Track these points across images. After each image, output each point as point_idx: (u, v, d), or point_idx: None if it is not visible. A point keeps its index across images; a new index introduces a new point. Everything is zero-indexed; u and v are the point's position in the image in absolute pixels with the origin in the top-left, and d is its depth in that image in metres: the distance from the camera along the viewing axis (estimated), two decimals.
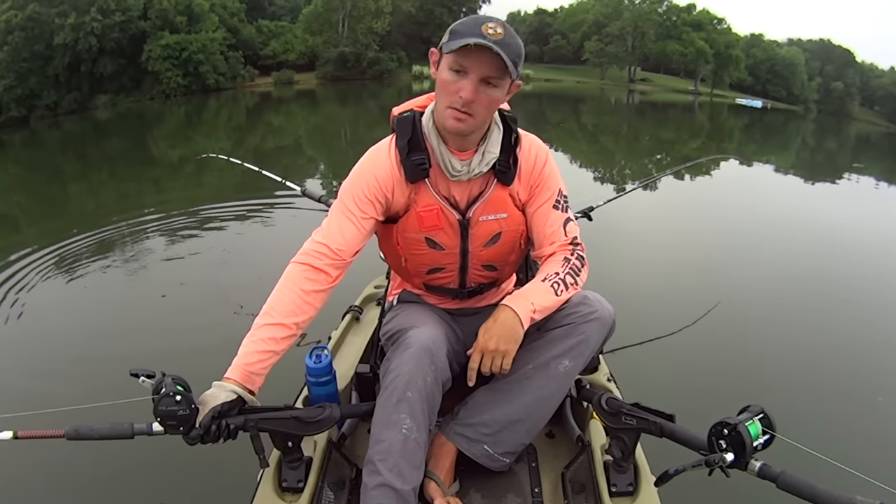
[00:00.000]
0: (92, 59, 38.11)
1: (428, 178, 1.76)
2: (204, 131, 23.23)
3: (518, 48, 1.56)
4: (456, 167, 1.73)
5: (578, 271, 1.78)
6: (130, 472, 2.74)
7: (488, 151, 1.74)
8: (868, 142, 36.75)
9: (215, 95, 38.97)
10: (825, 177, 15.63)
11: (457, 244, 1.82)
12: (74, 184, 11.90)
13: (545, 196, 1.82)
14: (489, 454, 1.78)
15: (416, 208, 1.78)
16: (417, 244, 1.83)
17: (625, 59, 67.83)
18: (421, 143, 1.75)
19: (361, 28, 51.15)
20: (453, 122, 1.62)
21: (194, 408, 1.45)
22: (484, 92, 1.58)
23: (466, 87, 1.56)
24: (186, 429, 1.44)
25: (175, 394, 1.42)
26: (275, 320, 1.63)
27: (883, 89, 76.45)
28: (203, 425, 1.46)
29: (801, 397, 3.63)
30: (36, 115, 34.90)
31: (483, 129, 1.72)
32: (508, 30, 1.54)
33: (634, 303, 4.60)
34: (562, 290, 1.73)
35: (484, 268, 1.89)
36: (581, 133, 22.67)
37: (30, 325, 4.44)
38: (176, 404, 1.42)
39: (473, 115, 1.61)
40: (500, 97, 1.63)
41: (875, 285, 5.84)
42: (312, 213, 6.19)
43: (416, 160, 1.74)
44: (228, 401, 1.51)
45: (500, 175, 1.78)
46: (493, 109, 1.67)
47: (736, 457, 1.32)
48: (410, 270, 1.94)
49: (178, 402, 1.42)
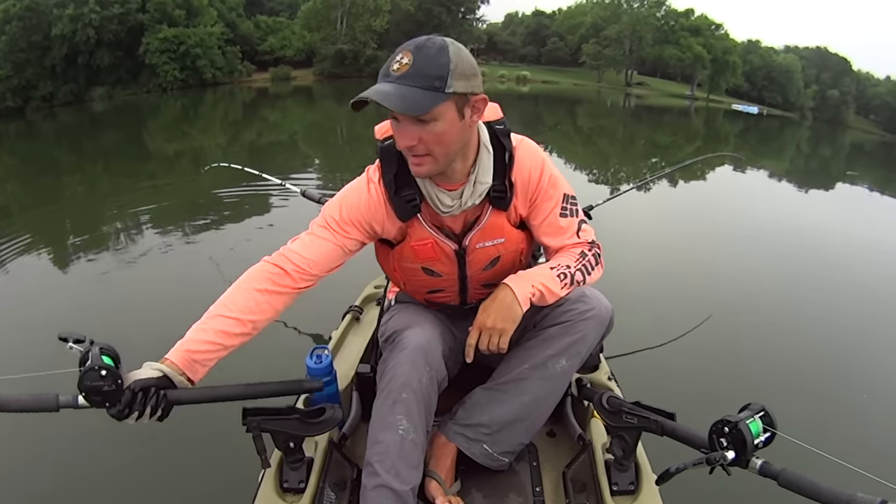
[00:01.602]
0: (89, 51, 37.91)
1: (420, 213, 1.68)
2: (200, 126, 23.15)
3: (434, 61, 1.38)
4: (446, 203, 1.63)
5: (591, 269, 1.73)
6: (130, 473, 2.74)
7: (479, 182, 1.62)
8: (862, 150, 36.85)
9: (212, 90, 38.88)
10: (819, 184, 15.73)
11: (454, 271, 1.78)
12: (69, 176, 11.85)
13: (549, 206, 1.73)
14: (488, 453, 1.78)
15: (410, 241, 1.72)
16: (415, 273, 1.79)
17: (622, 63, 67.85)
18: (408, 178, 1.62)
19: (360, 26, 51.13)
20: (414, 168, 1.53)
21: (120, 383, 1.35)
22: (422, 132, 1.43)
23: (398, 135, 1.47)
24: (111, 404, 1.35)
25: (101, 367, 1.32)
26: (231, 314, 1.54)
27: (878, 98, 76.78)
28: (124, 401, 1.35)
29: (800, 396, 3.66)
30: (32, 106, 34.69)
31: (466, 155, 1.59)
32: (422, 50, 1.39)
33: (632, 306, 4.60)
34: (566, 283, 1.68)
35: (484, 286, 1.82)
36: (577, 136, 22.62)
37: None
38: (101, 379, 1.32)
39: (431, 155, 1.48)
40: (445, 130, 1.44)
41: (868, 289, 5.89)
42: (310, 213, 6.12)
43: (405, 197, 1.64)
44: (153, 377, 1.41)
45: (495, 202, 1.68)
46: (454, 142, 1.49)
47: (737, 455, 1.32)
48: (410, 291, 1.94)
49: (104, 377, 1.32)
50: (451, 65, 1.38)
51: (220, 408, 1.55)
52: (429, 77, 1.37)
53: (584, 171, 13.39)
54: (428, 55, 1.38)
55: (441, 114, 1.41)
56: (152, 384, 1.39)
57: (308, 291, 1.66)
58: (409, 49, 1.39)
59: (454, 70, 1.39)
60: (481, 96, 1.48)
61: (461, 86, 1.40)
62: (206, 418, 3.08)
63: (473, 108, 1.48)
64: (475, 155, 1.62)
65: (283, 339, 3.87)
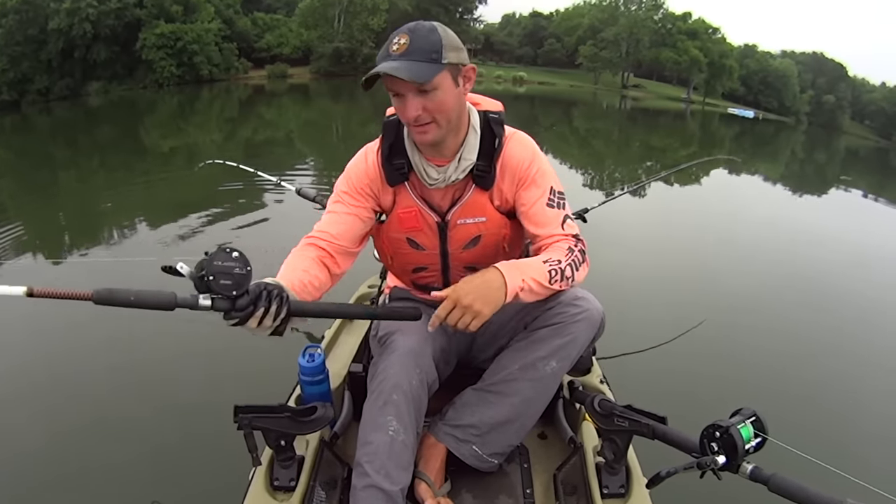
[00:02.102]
0: (86, 46, 37.80)
1: (408, 182, 1.80)
2: (196, 122, 23.10)
3: (428, 39, 1.55)
4: (432, 175, 1.75)
5: (578, 266, 1.71)
6: (121, 470, 2.73)
7: (464, 158, 1.74)
8: (857, 155, 37.07)
9: (208, 86, 38.84)
10: (813, 188, 15.77)
11: (436, 245, 1.84)
12: (64, 171, 11.80)
13: (536, 194, 1.77)
14: (478, 455, 1.79)
15: (398, 210, 1.82)
16: (400, 244, 1.86)
17: (618, 65, 68.12)
18: (402, 148, 1.78)
19: (357, 24, 51.15)
20: (419, 136, 1.65)
21: (250, 270, 1.30)
22: (425, 101, 1.58)
23: (405, 108, 1.59)
24: (240, 293, 1.30)
25: (232, 250, 1.27)
26: (301, 276, 1.63)
27: (874, 104, 77.32)
28: (252, 292, 1.34)
29: (792, 402, 3.68)
30: (27, 100, 34.60)
31: (459, 129, 1.73)
32: (416, 31, 1.56)
33: (626, 308, 4.62)
34: (556, 281, 1.65)
35: (466, 269, 1.84)
36: (573, 137, 22.71)
37: None
38: (233, 261, 1.28)
39: (435, 122, 1.62)
40: (445, 97, 1.59)
41: (861, 295, 5.93)
42: (305, 212, 6.13)
43: (396, 165, 1.78)
44: (273, 282, 1.44)
45: (477, 180, 1.77)
46: (453, 108, 1.64)
47: (728, 459, 1.32)
48: (397, 269, 1.99)
49: (236, 259, 1.28)
50: (442, 40, 1.56)
51: (212, 404, 1.56)
52: (426, 52, 1.53)
53: (580, 172, 13.42)
54: (421, 34, 1.55)
55: (440, 83, 1.56)
56: (274, 286, 1.41)
57: None
58: (404, 32, 1.57)
59: (446, 44, 1.56)
60: (470, 66, 1.64)
61: (453, 56, 1.57)
62: (197, 416, 3.09)
63: (465, 77, 1.64)
64: (464, 135, 1.75)
65: (277, 337, 3.81)
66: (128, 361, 3.66)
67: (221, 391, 3.24)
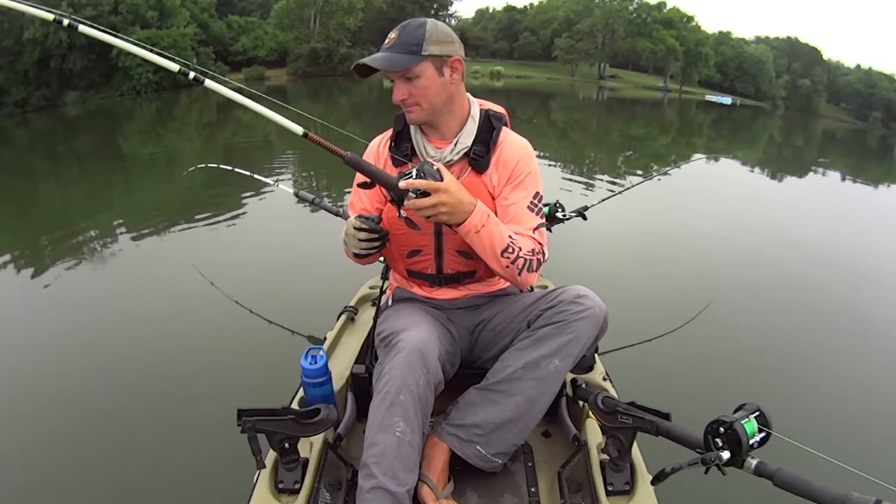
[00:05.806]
0: (62, 55, 37.15)
1: (411, 163, 1.93)
2: (174, 128, 22.85)
3: (413, 34, 1.77)
4: (430, 154, 1.93)
5: (531, 269, 1.80)
6: (127, 474, 2.74)
7: (461, 142, 1.91)
8: (834, 138, 37.33)
9: (186, 92, 38.44)
10: (792, 171, 15.92)
11: (430, 224, 1.87)
12: (43, 182, 11.64)
13: (520, 194, 1.89)
14: (481, 455, 1.80)
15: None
16: (398, 223, 1.89)
17: (595, 56, 68.19)
18: (408, 135, 1.98)
19: (333, 24, 51.01)
20: (409, 116, 1.89)
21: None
22: (411, 87, 1.81)
23: (395, 92, 1.84)
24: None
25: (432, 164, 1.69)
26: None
27: (849, 87, 77.75)
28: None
29: (796, 396, 3.69)
30: (4, 112, 34.03)
31: (452, 114, 1.91)
32: (406, 27, 1.79)
33: (625, 304, 4.60)
34: (507, 256, 1.76)
35: (459, 253, 1.92)
36: (551, 129, 22.64)
37: None
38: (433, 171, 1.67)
39: (419, 105, 1.83)
40: (428, 84, 1.80)
41: (864, 289, 5.97)
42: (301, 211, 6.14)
43: (402, 149, 1.97)
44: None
45: (473, 163, 1.91)
46: (437, 94, 1.83)
47: (732, 455, 1.34)
48: (394, 253, 2.00)
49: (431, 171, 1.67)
50: (426, 35, 1.76)
51: (215, 408, 1.57)
52: (408, 45, 1.76)
53: (559, 164, 13.35)
54: (409, 30, 1.78)
55: (422, 72, 1.78)
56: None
57: (304, 292, 1.73)
58: (397, 28, 1.81)
59: (429, 38, 1.76)
60: (456, 57, 1.84)
61: (436, 49, 1.77)
62: (200, 419, 3.09)
63: (451, 67, 1.83)
64: (464, 122, 1.94)
65: (278, 339, 3.86)
66: (128, 365, 3.66)
67: (224, 395, 3.24)
